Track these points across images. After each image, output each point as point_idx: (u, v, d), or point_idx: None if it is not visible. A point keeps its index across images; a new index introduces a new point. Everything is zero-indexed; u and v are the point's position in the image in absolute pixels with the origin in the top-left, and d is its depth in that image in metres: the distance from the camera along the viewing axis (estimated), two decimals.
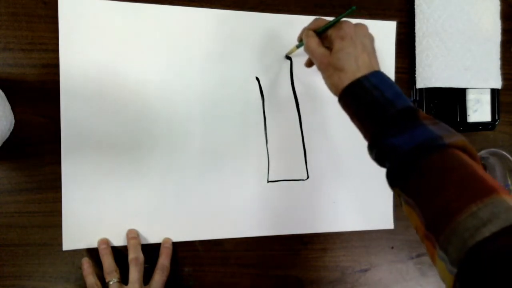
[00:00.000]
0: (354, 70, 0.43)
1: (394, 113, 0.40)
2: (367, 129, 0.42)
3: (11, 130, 0.51)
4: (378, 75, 0.43)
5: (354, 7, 0.44)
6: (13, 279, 0.52)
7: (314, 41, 0.47)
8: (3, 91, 0.50)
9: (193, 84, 0.56)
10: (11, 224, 0.52)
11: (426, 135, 0.38)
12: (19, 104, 0.51)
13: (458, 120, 0.64)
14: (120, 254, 0.53)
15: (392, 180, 0.40)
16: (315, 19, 0.49)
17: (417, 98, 0.63)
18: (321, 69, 0.46)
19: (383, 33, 0.63)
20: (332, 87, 0.46)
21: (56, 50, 0.52)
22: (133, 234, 0.54)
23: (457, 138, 0.38)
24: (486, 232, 0.30)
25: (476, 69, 0.63)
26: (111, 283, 0.50)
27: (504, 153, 0.62)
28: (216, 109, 0.57)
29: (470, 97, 0.64)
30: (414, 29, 0.62)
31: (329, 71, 0.45)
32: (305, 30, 0.49)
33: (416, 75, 0.63)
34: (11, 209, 0.52)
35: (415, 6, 0.62)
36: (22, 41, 0.51)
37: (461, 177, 0.35)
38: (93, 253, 0.53)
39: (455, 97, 0.63)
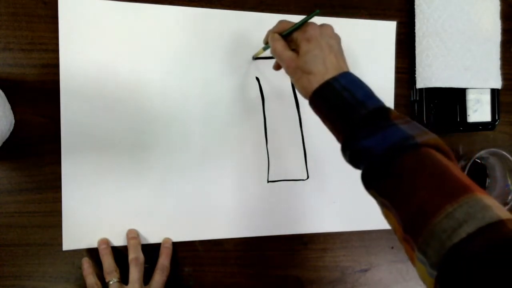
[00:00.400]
0: (323, 72, 0.42)
1: (366, 114, 0.39)
2: (339, 131, 0.41)
3: (11, 130, 0.51)
4: (347, 76, 0.42)
5: (318, 11, 0.44)
6: (13, 279, 0.52)
7: (280, 44, 0.46)
8: (3, 91, 0.50)
9: (193, 84, 0.56)
10: (11, 224, 0.52)
11: (398, 135, 0.37)
12: (19, 104, 0.51)
13: (458, 120, 0.63)
14: (120, 254, 0.53)
15: (366, 182, 0.39)
16: (280, 21, 0.48)
17: (417, 98, 0.63)
18: (289, 72, 0.45)
19: (383, 33, 0.63)
20: (302, 90, 0.44)
21: (56, 50, 0.52)
22: (133, 234, 0.54)
23: (429, 136, 0.37)
24: (463, 233, 0.29)
25: (476, 69, 0.63)
26: (111, 283, 0.50)
27: (504, 153, 0.61)
28: (216, 109, 0.57)
29: (470, 97, 0.64)
30: (414, 29, 0.62)
31: (298, 75, 0.44)
32: (270, 33, 0.48)
33: (416, 75, 0.62)
34: (11, 209, 0.52)
35: (415, 6, 0.62)
36: (22, 41, 0.51)
37: (435, 176, 0.34)
38: (93, 253, 0.53)
39: (455, 97, 0.63)
